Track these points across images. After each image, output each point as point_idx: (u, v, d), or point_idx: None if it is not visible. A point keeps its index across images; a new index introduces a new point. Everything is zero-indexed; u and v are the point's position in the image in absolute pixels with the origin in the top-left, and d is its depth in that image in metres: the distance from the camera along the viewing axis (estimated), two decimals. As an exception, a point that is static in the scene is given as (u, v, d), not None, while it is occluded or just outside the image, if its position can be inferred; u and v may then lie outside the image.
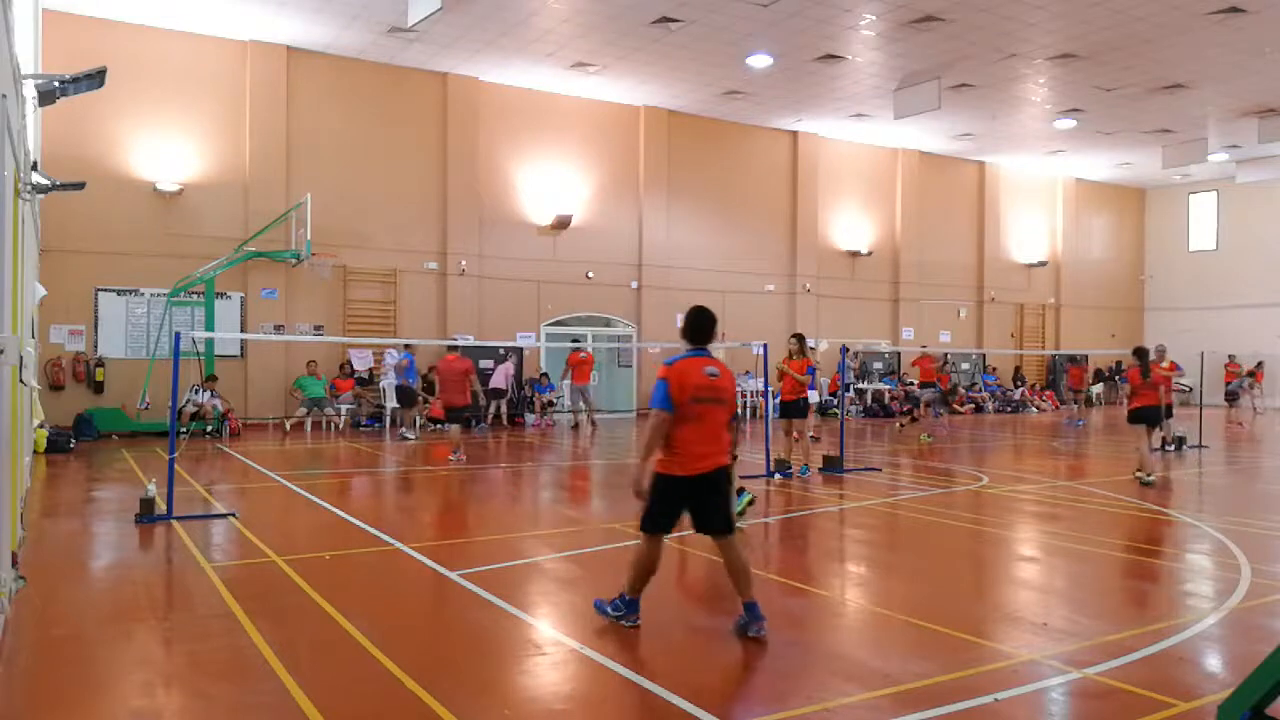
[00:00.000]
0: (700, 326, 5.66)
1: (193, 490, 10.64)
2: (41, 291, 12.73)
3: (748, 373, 23.61)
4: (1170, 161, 26.96)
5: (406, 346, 18.64)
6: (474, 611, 5.95)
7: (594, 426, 20.17)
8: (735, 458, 5.73)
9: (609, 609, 5.57)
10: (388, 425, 19.09)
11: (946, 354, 26.80)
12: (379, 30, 17.95)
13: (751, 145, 24.95)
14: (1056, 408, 28.70)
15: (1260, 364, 27.70)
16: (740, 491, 8.61)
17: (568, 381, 21.36)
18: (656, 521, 5.51)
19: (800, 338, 13.05)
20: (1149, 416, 12.46)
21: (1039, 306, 31.08)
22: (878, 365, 26.93)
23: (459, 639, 5.47)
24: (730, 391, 5.58)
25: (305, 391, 18.57)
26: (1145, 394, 12.48)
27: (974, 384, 28.60)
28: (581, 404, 20.33)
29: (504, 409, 20.69)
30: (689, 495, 5.45)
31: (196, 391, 17.14)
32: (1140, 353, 12.82)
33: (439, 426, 18.84)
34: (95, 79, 8.09)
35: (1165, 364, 16.57)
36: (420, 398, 18.73)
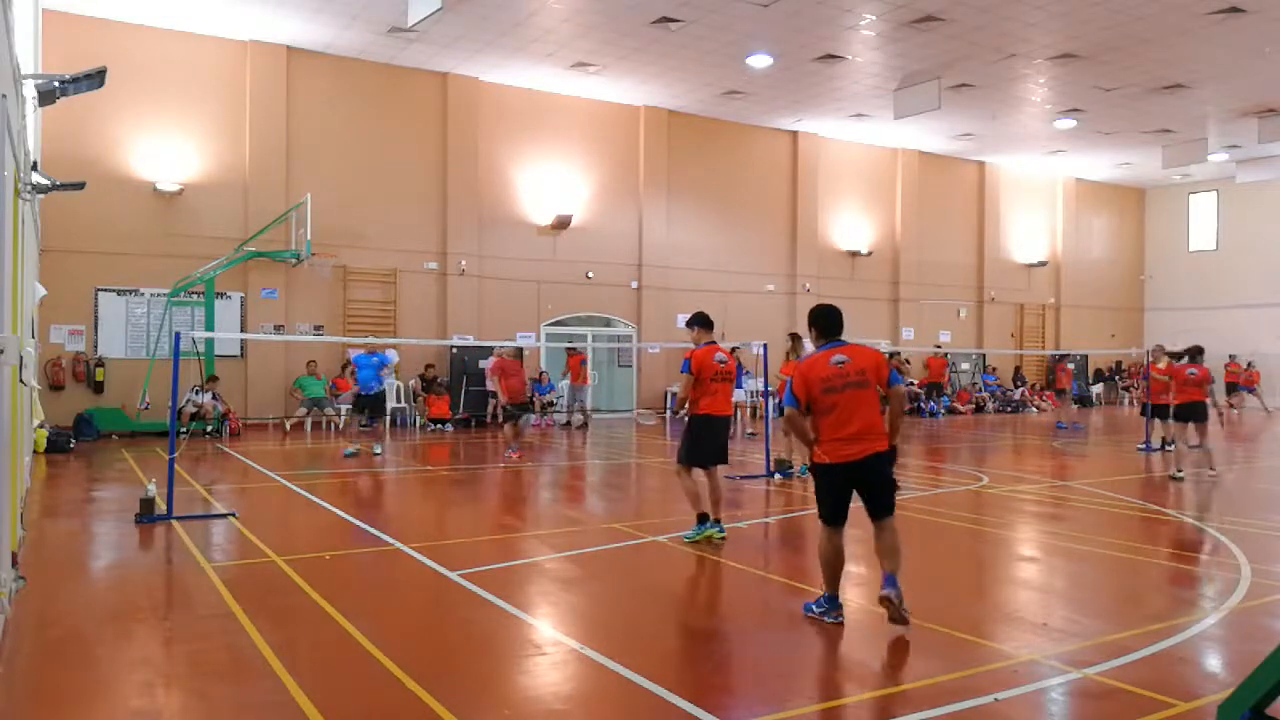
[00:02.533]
0: (827, 321, 5.85)
1: (193, 490, 10.64)
2: (41, 291, 12.73)
3: (748, 373, 23.59)
4: (1170, 161, 26.95)
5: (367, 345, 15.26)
6: (474, 611, 5.94)
7: (586, 427, 20.29)
8: (894, 448, 5.69)
9: (814, 607, 5.71)
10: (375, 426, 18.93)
11: (947, 354, 26.82)
12: (379, 30, 17.94)
13: (751, 145, 24.95)
14: (1056, 408, 28.70)
15: (1250, 364, 27.58)
16: (704, 519, 8.00)
17: (566, 381, 21.46)
18: (828, 511, 5.67)
19: (795, 337, 12.97)
20: (1196, 413, 12.81)
21: (1039, 306, 31.07)
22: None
23: (459, 639, 5.47)
24: (873, 372, 5.60)
25: (305, 391, 18.57)
26: (1189, 390, 12.73)
27: (974, 383, 28.61)
28: (580, 403, 20.52)
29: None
30: (848, 481, 5.60)
31: (197, 392, 17.15)
32: (1196, 351, 13.03)
33: (439, 427, 18.86)
34: (95, 79, 8.09)
35: (1162, 364, 16.58)
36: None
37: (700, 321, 8.36)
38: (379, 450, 14.40)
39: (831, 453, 5.53)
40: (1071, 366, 29.58)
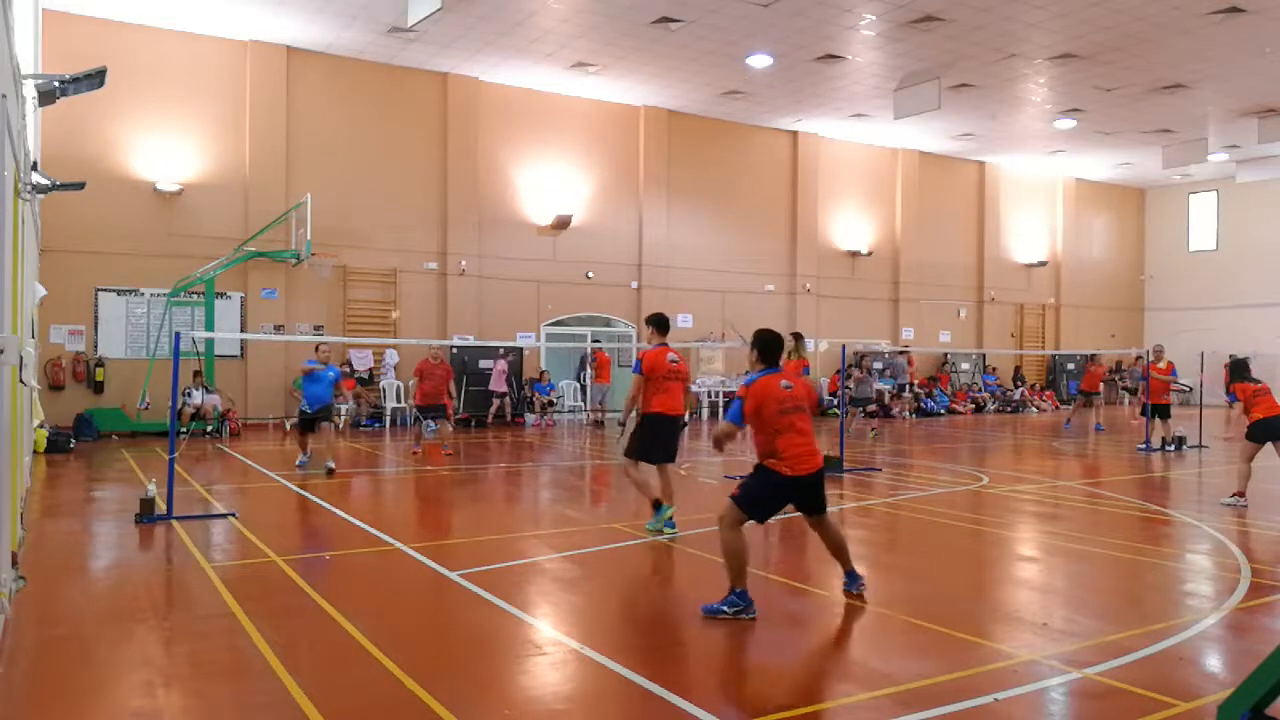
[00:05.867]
0: (771, 347, 6.21)
1: (193, 490, 10.64)
2: (41, 291, 12.72)
3: (749, 373, 23.58)
4: (1170, 161, 26.94)
5: (321, 348, 13.54)
6: (474, 611, 5.94)
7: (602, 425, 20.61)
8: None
9: (724, 607, 5.66)
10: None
11: (947, 355, 26.79)
12: (379, 30, 17.94)
13: (751, 145, 24.95)
14: (1056, 408, 28.69)
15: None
16: (659, 506, 8.20)
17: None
18: (760, 510, 5.93)
19: (798, 336, 12.98)
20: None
21: (1039, 306, 31.07)
22: (878, 365, 26.89)
23: (459, 639, 5.47)
24: (807, 399, 6.14)
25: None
26: (1268, 402, 10.35)
27: (974, 383, 28.61)
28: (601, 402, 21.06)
29: (506, 408, 20.77)
30: (797, 492, 5.95)
31: (188, 393, 17.07)
32: (1239, 365, 10.80)
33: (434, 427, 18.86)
34: (95, 79, 8.08)
35: (1163, 364, 16.60)
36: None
37: (655, 323, 8.54)
38: (303, 463, 12.64)
39: (794, 466, 5.83)
40: (1072, 368, 29.58)
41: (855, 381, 20.25)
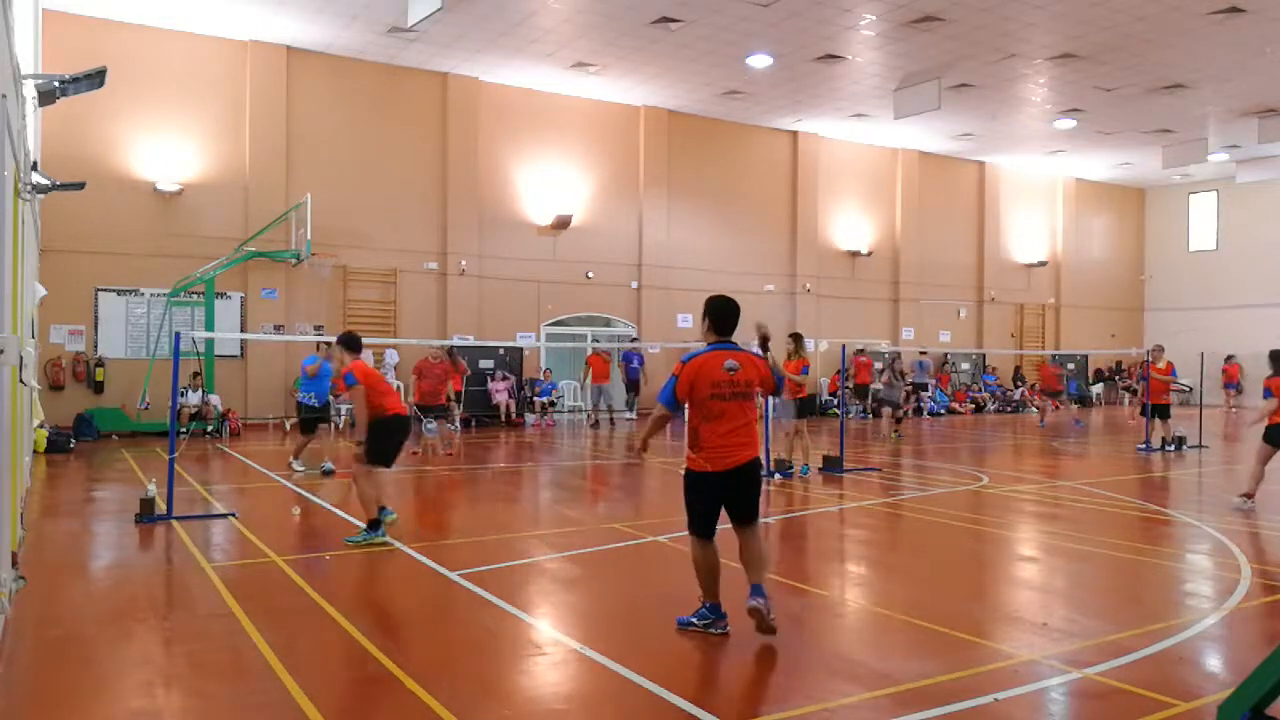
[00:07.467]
0: (724, 316, 5.45)
1: (193, 490, 10.64)
2: (41, 291, 12.72)
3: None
4: (1170, 161, 26.94)
5: (322, 346, 13.63)
6: (474, 611, 5.94)
7: (611, 425, 20.78)
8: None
9: (694, 619, 5.39)
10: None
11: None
12: (379, 30, 17.94)
13: (751, 145, 24.95)
14: (1056, 408, 28.69)
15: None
16: (375, 525, 7.88)
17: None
18: (700, 523, 5.39)
19: (797, 337, 13.02)
20: None
21: (1039, 306, 31.07)
22: (877, 366, 26.83)
23: (459, 639, 5.47)
24: (756, 383, 5.39)
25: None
26: None
27: (973, 383, 28.61)
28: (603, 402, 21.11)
29: (511, 410, 20.81)
30: (724, 490, 5.33)
31: (184, 393, 17.02)
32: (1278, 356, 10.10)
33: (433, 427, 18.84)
34: (95, 79, 8.09)
35: (1162, 364, 16.59)
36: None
37: (345, 343, 8.42)
38: (301, 467, 12.67)
39: (714, 460, 5.24)
40: (1071, 367, 29.56)
41: (884, 385, 20.31)
